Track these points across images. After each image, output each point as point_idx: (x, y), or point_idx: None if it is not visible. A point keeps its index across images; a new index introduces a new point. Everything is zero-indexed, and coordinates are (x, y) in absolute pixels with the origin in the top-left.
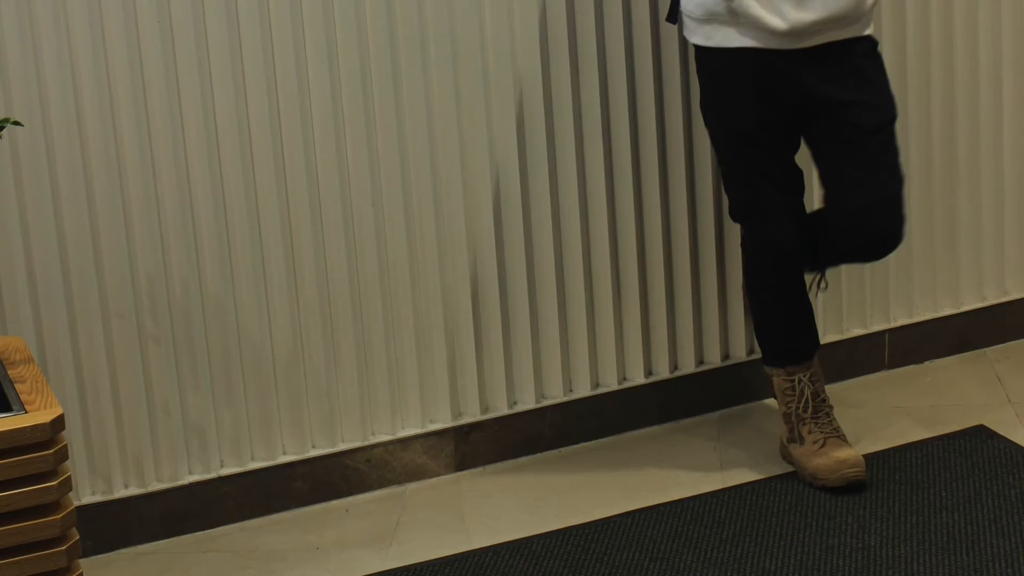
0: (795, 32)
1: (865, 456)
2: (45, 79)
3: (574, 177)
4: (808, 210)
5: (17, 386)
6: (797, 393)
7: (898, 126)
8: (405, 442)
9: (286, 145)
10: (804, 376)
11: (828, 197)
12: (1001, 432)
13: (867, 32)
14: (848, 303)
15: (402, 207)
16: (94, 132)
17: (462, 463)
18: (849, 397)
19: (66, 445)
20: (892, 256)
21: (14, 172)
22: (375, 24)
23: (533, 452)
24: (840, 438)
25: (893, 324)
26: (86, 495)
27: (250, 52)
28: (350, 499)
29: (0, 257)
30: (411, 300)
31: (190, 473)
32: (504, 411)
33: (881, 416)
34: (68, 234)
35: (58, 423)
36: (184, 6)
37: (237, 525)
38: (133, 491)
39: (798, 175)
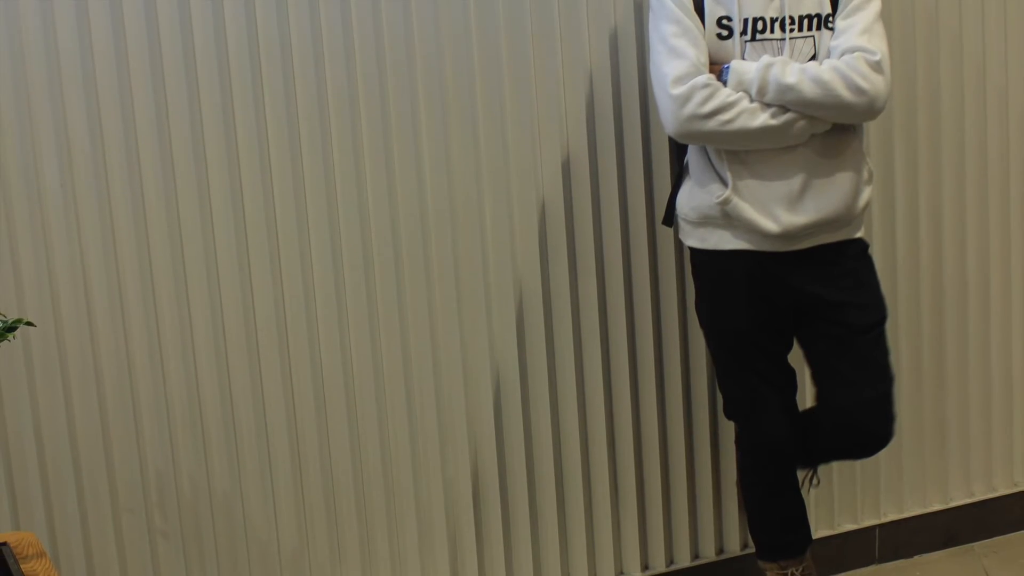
0: (788, 235)
1: None
2: (56, 281)
3: (572, 375)
4: (800, 408)
5: None
6: None
7: (888, 326)
8: None
9: (291, 342)
10: (797, 570)
11: (820, 395)
12: None
13: (858, 235)
14: (839, 498)
15: (405, 405)
16: (104, 333)
17: None
18: None
19: None
20: (882, 453)
21: (27, 371)
22: (378, 224)
23: None
24: None
25: (883, 519)
26: None
27: (257, 252)
28: None
29: (13, 454)
30: (413, 495)
31: None
32: None
33: None
34: (79, 431)
35: None
36: (192, 206)
37: None
38: None
39: (791, 374)
